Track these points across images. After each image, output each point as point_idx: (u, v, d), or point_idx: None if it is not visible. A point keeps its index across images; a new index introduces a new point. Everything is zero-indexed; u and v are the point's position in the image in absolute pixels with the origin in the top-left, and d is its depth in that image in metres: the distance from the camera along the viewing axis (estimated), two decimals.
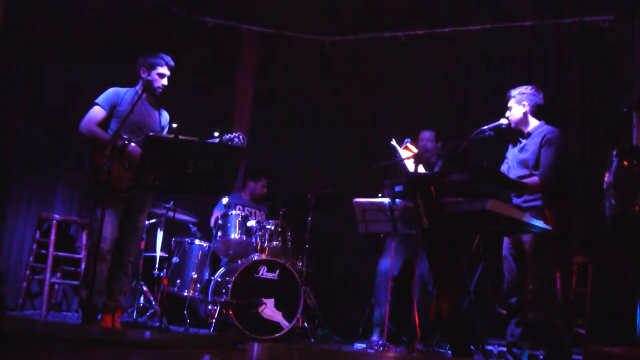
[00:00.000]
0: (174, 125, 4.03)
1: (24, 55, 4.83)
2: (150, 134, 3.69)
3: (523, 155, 3.57)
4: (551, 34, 5.31)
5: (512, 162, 3.67)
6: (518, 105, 3.64)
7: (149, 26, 5.58)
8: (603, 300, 4.14)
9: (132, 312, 4.55)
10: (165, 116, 4.10)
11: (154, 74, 3.93)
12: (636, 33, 4.31)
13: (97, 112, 3.78)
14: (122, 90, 3.89)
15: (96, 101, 3.80)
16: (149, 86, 3.90)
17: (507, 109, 3.71)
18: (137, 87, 3.92)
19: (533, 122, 3.63)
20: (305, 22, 6.09)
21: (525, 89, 3.66)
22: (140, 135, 3.75)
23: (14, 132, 4.75)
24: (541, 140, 3.48)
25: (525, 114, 3.62)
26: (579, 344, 3.88)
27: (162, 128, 4.04)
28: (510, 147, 3.78)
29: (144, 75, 3.92)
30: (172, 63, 3.99)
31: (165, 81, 3.96)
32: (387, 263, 4.58)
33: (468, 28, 5.64)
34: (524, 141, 3.64)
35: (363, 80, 6.03)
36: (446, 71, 5.72)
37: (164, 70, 3.95)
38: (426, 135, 4.92)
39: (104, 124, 3.77)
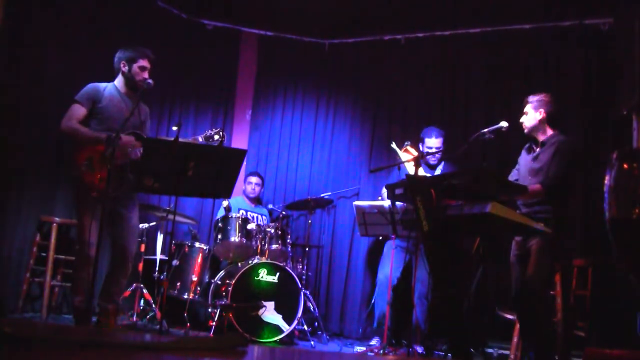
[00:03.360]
0: (174, 128, 4.01)
1: (24, 57, 4.83)
2: (131, 130, 3.65)
3: (536, 165, 3.59)
4: (551, 36, 5.32)
5: (524, 170, 3.68)
6: (534, 112, 3.66)
7: (149, 29, 5.59)
8: (603, 302, 4.14)
9: (132, 315, 4.54)
10: (144, 110, 3.97)
11: (135, 67, 3.82)
12: (636, 34, 4.31)
13: (77, 109, 3.67)
14: (102, 85, 3.79)
15: (76, 98, 3.70)
16: (130, 80, 3.81)
17: (523, 113, 3.72)
18: (116, 82, 3.82)
19: (547, 131, 3.66)
20: (305, 25, 6.10)
21: (544, 97, 3.68)
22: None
23: (14, 134, 4.74)
24: (554, 150, 3.52)
25: (540, 121, 3.65)
26: (580, 347, 3.87)
27: (143, 122, 3.89)
28: (523, 153, 3.79)
29: (124, 69, 3.82)
30: (152, 55, 3.88)
31: (146, 74, 3.83)
32: (387, 271, 4.58)
33: (468, 31, 5.66)
34: (537, 150, 3.65)
35: (363, 83, 6.04)
36: (446, 74, 5.72)
37: (145, 62, 3.84)
38: (433, 141, 4.78)
39: (84, 121, 3.66)
